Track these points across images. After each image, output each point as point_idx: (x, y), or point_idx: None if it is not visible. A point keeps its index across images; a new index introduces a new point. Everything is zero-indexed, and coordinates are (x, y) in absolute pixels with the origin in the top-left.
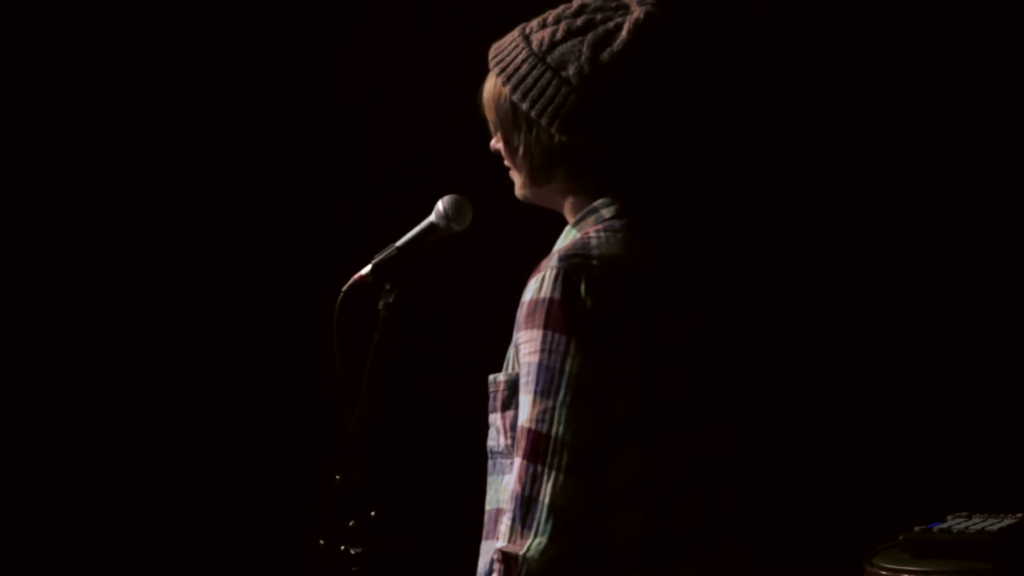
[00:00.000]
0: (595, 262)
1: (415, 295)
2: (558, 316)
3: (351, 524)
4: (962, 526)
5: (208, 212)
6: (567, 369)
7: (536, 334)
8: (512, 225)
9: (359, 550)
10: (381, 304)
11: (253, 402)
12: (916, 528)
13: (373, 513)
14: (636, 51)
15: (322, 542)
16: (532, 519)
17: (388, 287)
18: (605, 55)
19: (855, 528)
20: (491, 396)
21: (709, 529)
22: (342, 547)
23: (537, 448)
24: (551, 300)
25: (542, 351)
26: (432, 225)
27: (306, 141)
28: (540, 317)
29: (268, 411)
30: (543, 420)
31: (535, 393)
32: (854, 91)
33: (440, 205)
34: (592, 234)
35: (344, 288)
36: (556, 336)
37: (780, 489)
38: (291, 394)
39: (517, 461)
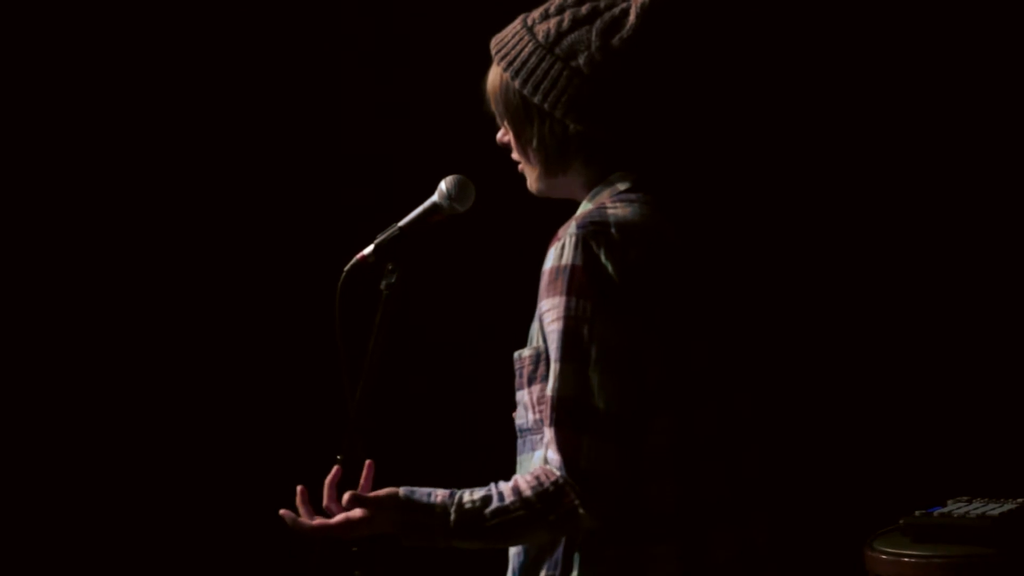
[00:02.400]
0: (613, 229)
1: (419, 274)
2: (582, 281)
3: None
4: (963, 510)
5: (211, 194)
6: (595, 335)
7: (559, 300)
8: (513, 206)
9: None
10: (383, 284)
11: (256, 384)
12: (917, 512)
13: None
14: (646, 35)
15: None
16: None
17: (390, 267)
18: (615, 41)
19: (855, 512)
20: (516, 373)
21: (738, 496)
22: None
23: (569, 415)
24: (573, 267)
25: (566, 317)
26: (435, 205)
27: (308, 123)
28: (562, 283)
29: (270, 392)
30: (572, 385)
31: (561, 360)
32: (861, 75)
33: (443, 185)
34: (608, 203)
35: (346, 268)
36: (580, 301)
37: (780, 473)
38: (293, 375)
39: (548, 432)
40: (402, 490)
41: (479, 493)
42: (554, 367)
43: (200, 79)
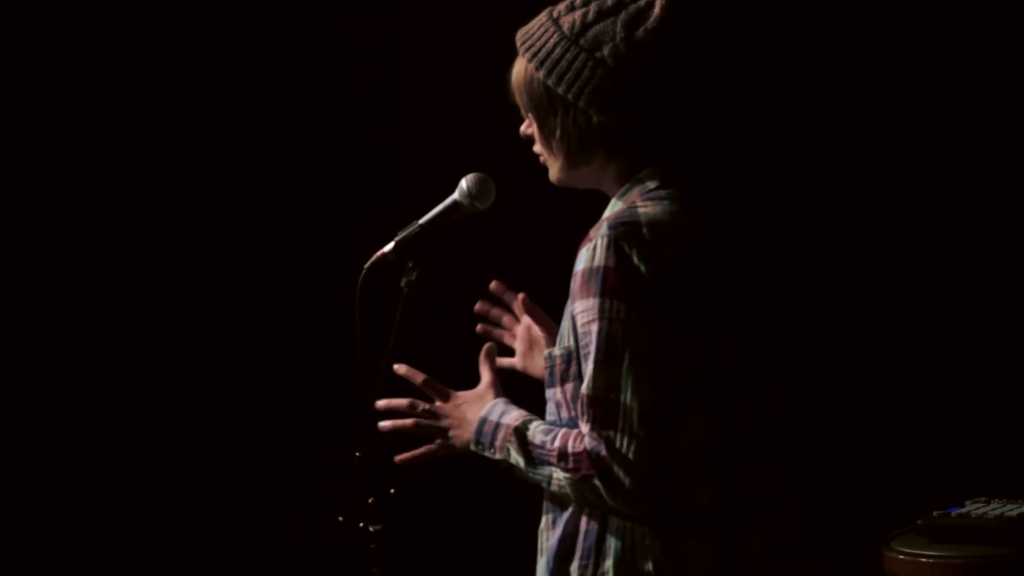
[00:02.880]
0: (644, 229)
1: (439, 272)
2: (615, 283)
3: (370, 501)
4: (981, 511)
5: (236, 191)
6: (629, 336)
7: (593, 303)
8: (534, 205)
9: (378, 527)
10: (403, 281)
11: (276, 379)
12: (934, 513)
13: (392, 491)
14: (671, 27)
15: (341, 519)
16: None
17: (411, 264)
18: (640, 33)
19: (873, 513)
20: (547, 371)
21: (773, 492)
22: (361, 524)
23: (608, 416)
24: (606, 268)
25: (600, 319)
26: (455, 203)
27: (331, 120)
28: (596, 285)
29: (290, 388)
30: (610, 388)
31: (597, 362)
32: (885, 68)
33: (464, 183)
34: (639, 203)
35: (367, 265)
36: (615, 303)
37: (799, 474)
38: (312, 371)
39: (583, 427)
40: (492, 402)
41: (541, 428)
42: (589, 367)
43: (219, 75)
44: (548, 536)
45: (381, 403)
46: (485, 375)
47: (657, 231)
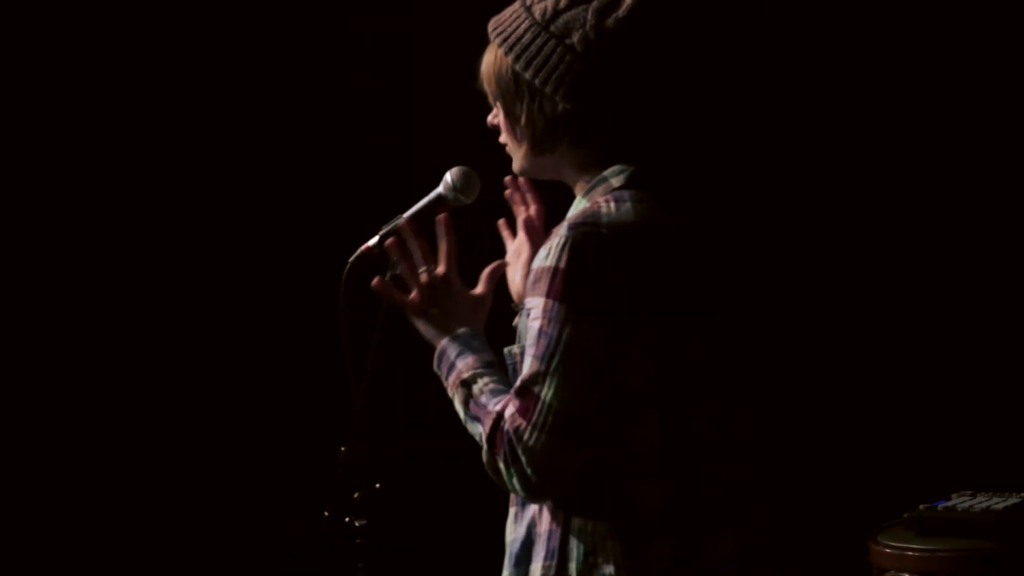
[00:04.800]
0: (605, 231)
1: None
2: (559, 285)
3: (356, 496)
4: (967, 504)
5: (215, 187)
6: (563, 338)
7: (539, 302)
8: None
9: (364, 522)
10: (388, 275)
11: (259, 377)
12: (921, 506)
13: (378, 485)
14: (641, 17)
15: (327, 514)
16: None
17: (395, 258)
18: (610, 21)
19: (860, 506)
20: (510, 368)
21: (737, 496)
22: (347, 519)
23: (528, 408)
24: (555, 269)
25: (543, 318)
26: (440, 197)
27: (314, 114)
28: (543, 285)
29: (274, 383)
30: (536, 382)
31: (533, 356)
32: (862, 64)
33: (448, 177)
34: (602, 203)
35: (351, 259)
36: (556, 304)
37: (786, 468)
38: (297, 366)
39: (508, 412)
40: (465, 330)
41: (488, 388)
42: (527, 360)
43: (203, 72)
44: (513, 530)
45: (404, 218)
46: (481, 287)
47: (618, 233)
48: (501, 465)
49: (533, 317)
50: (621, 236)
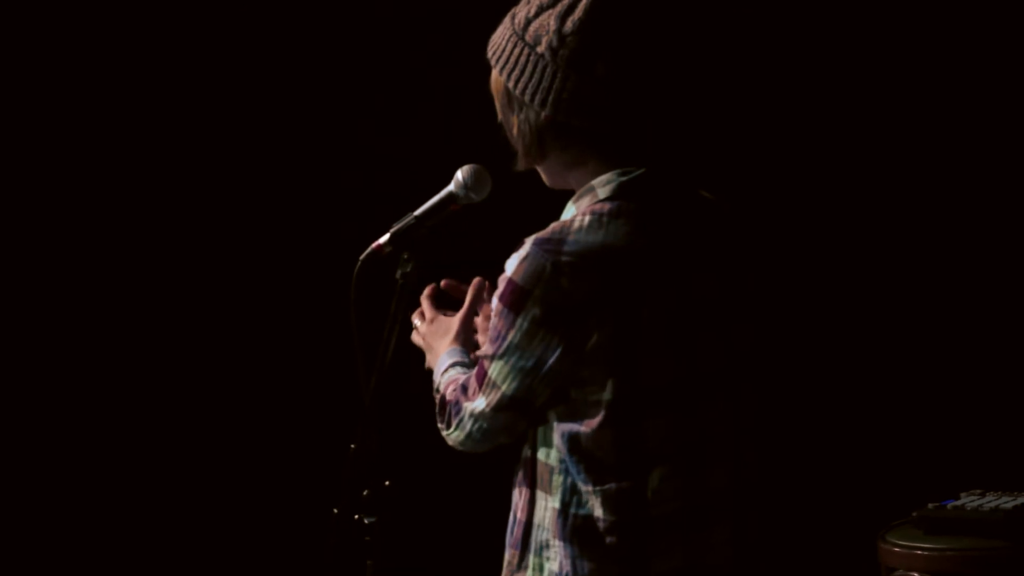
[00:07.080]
0: (566, 248)
1: (434, 263)
2: (508, 296)
3: (365, 493)
4: (976, 503)
5: (229, 185)
6: (508, 337)
7: (499, 306)
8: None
9: (373, 519)
10: (399, 273)
11: (270, 372)
12: (929, 505)
13: (388, 483)
14: (596, 18)
15: (336, 511)
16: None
17: (406, 256)
18: (568, 26)
19: (869, 505)
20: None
21: (695, 507)
22: (356, 516)
23: (480, 374)
24: (510, 281)
25: (496, 315)
26: (451, 195)
27: (328, 113)
28: (505, 294)
29: (284, 380)
30: (486, 359)
31: (488, 340)
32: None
33: (459, 175)
34: (578, 218)
35: (362, 257)
36: (505, 309)
37: (795, 466)
38: (307, 364)
39: (472, 378)
40: (457, 350)
41: (454, 370)
42: (484, 347)
43: (219, 74)
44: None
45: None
46: (462, 308)
47: (582, 253)
48: (446, 412)
49: (494, 310)
50: (577, 265)
